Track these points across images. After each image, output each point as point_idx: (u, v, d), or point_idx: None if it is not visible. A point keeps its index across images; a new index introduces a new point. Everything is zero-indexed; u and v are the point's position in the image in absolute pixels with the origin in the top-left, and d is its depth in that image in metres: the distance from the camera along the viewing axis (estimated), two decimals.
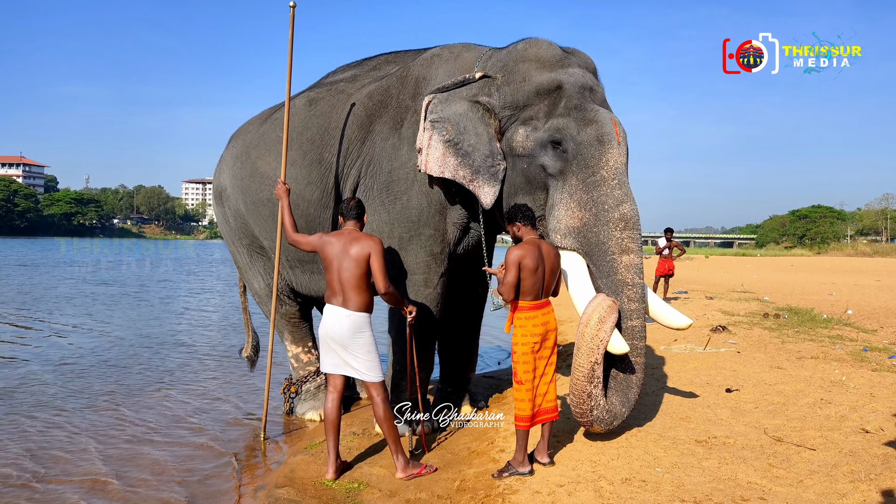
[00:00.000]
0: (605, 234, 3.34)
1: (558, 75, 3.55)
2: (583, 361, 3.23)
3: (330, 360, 3.47)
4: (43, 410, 5.04)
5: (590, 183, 3.38)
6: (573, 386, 3.29)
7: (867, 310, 9.63)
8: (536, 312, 3.25)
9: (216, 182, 5.21)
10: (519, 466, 3.24)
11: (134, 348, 7.78)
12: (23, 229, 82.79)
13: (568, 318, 9.26)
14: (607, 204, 3.34)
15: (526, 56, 3.65)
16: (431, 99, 3.72)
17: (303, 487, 3.41)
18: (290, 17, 4.13)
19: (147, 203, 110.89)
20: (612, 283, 3.36)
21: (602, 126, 3.40)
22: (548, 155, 3.49)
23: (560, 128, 3.45)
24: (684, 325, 3.59)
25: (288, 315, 4.93)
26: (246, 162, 4.72)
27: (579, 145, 3.40)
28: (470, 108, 3.69)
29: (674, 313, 3.58)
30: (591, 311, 3.24)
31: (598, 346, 3.21)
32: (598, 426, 3.36)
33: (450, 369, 4.67)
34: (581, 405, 3.29)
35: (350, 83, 4.43)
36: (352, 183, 4.19)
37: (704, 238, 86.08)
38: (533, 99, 3.58)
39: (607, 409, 3.34)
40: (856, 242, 48.19)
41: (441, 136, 3.66)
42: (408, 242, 3.99)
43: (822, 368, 5.14)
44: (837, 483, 2.90)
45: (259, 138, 4.72)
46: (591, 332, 3.21)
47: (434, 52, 4.19)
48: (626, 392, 3.41)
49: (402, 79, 4.16)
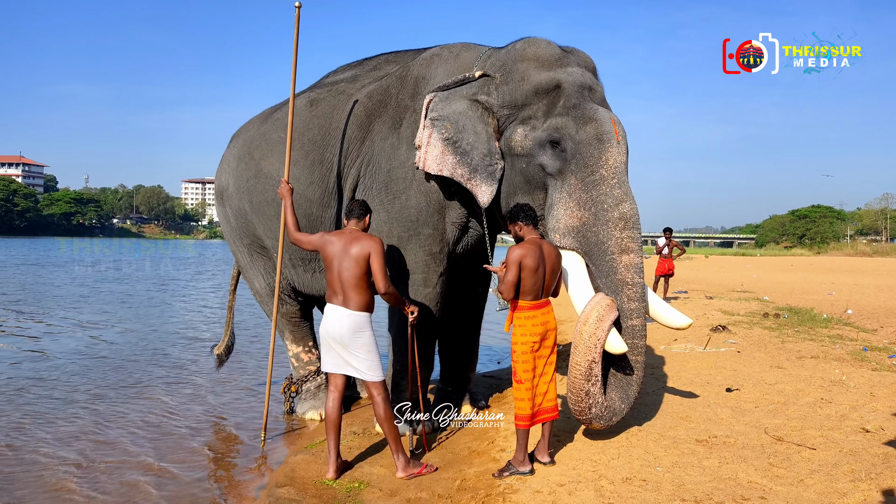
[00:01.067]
0: (604, 234, 3.34)
1: (557, 74, 3.55)
2: (580, 360, 3.23)
3: (331, 359, 3.48)
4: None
5: (589, 182, 3.37)
6: (571, 384, 3.29)
7: (867, 309, 9.64)
8: (536, 312, 3.25)
9: (218, 182, 5.21)
10: (519, 466, 3.24)
11: (135, 345, 7.78)
12: (22, 229, 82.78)
13: (567, 318, 9.26)
14: (606, 203, 3.34)
15: (525, 55, 3.65)
16: (432, 97, 3.73)
17: (303, 487, 3.42)
18: (296, 17, 4.13)
19: (146, 203, 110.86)
20: (611, 282, 3.35)
21: (601, 125, 3.39)
22: (546, 154, 3.49)
23: (559, 127, 3.44)
24: (684, 325, 3.58)
25: (289, 314, 4.93)
26: (249, 162, 4.73)
27: (578, 144, 3.39)
28: (469, 107, 3.69)
29: (674, 313, 3.58)
30: (590, 310, 3.24)
31: (595, 344, 3.21)
32: (597, 423, 3.35)
33: (450, 369, 4.67)
34: (579, 403, 3.29)
35: (350, 83, 4.44)
36: (351, 182, 4.20)
37: (704, 238, 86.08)
38: (532, 98, 3.58)
39: (606, 406, 3.34)
40: (855, 242, 48.21)
41: (440, 133, 3.67)
42: (406, 242, 3.99)
43: (822, 368, 5.14)
44: (838, 482, 2.91)
45: (261, 138, 4.73)
46: (588, 330, 3.21)
47: (433, 51, 4.20)
48: (626, 389, 3.41)
49: (401, 78, 4.16)
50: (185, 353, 7.53)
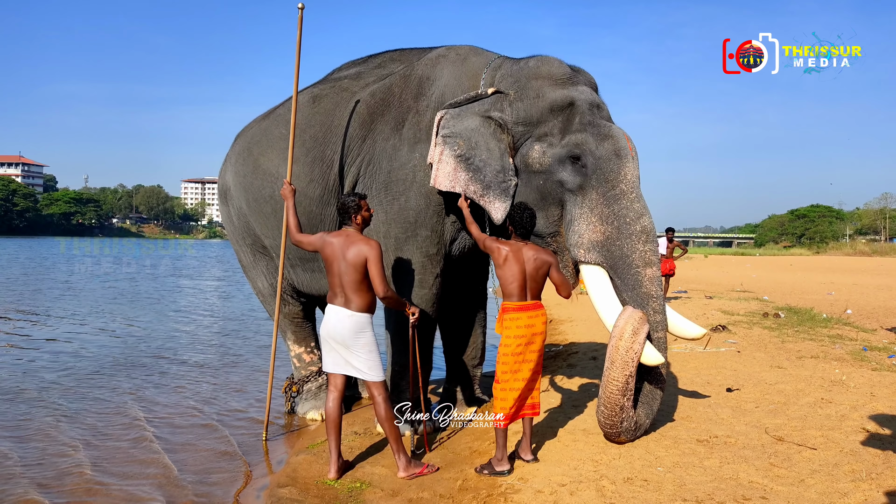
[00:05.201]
0: (628, 248, 3.40)
1: (570, 92, 3.60)
2: (617, 375, 3.25)
3: (331, 359, 3.48)
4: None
5: (610, 197, 3.43)
6: (606, 399, 3.31)
7: (866, 309, 9.66)
8: (521, 314, 3.28)
9: (221, 181, 5.19)
10: (497, 465, 3.29)
11: (135, 345, 7.78)
12: (21, 229, 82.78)
13: (567, 318, 9.28)
14: (628, 217, 3.40)
15: (539, 73, 3.68)
16: (443, 114, 3.72)
17: (305, 487, 3.42)
18: (299, 18, 4.12)
19: (146, 203, 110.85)
20: (637, 295, 3.41)
21: (618, 141, 3.48)
22: (566, 170, 3.52)
23: (579, 143, 3.49)
24: (698, 335, 3.65)
25: (291, 315, 4.93)
26: (248, 159, 4.70)
27: (598, 160, 3.45)
28: (482, 124, 3.69)
29: (686, 323, 3.65)
30: (624, 324, 3.26)
31: (633, 358, 3.23)
32: (625, 437, 3.42)
33: (454, 368, 4.68)
34: (612, 417, 3.32)
35: (354, 80, 4.41)
36: (351, 181, 4.19)
37: (703, 237, 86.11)
38: (547, 115, 3.61)
39: (634, 420, 3.40)
40: (854, 242, 48.28)
41: (452, 150, 3.66)
42: (403, 243, 3.99)
43: (822, 368, 5.15)
44: (839, 482, 2.91)
45: (261, 134, 4.70)
46: (625, 344, 3.23)
47: (440, 52, 4.18)
48: (651, 404, 3.51)
49: (405, 78, 4.15)
50: (185, 353, 7.53)
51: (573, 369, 5.62)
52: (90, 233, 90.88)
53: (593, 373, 5.26)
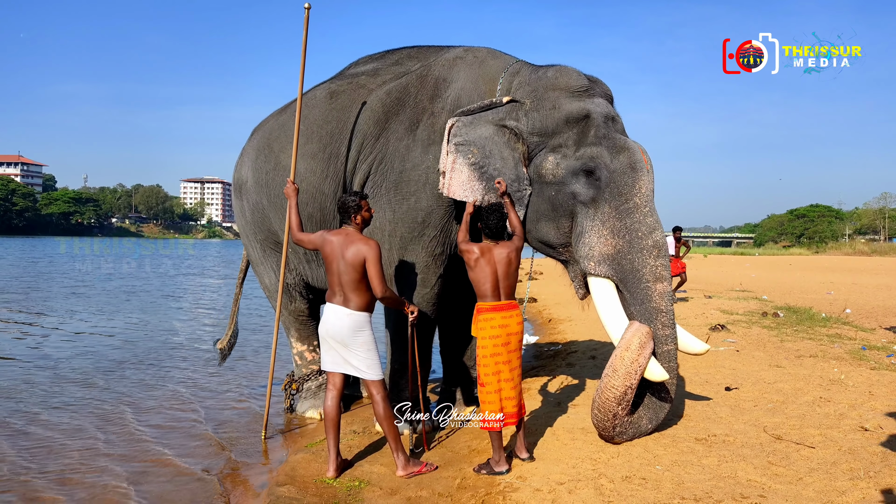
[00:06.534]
0: (639, 262, 3.40)
1: (586, 105, 3.59)
2: (618, 384, 3.27)
3: (330, 358, 3.48)
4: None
5: (623, 210, 3.43)
6: (601, 404, 3.35)
7: (865, 308, 9.66)
8: (494, 315, 3.29)
9: (236, 175, 5.13)
10: (495, 466, 3.31)
11: (136, 343, 7.78)
12: (21, 228, 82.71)
13: (567, 318, 9.29)
14: (640, 231, 3.41)
15: (557, 84, 3.67)
16: (455, 121, 3.67)
17: (304, 485, 3.42)
18: (305, 18, 4.10)
19: (145, 202, 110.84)
20: (645, 309, 3.41)
21: (633, 154, 3.48)
22: (580, 182, 3.51)
23: (594, 156, 3.49)
24: (702, 351, 3.66)
25: (297, 312, 4.91)
26: (269, 155, 4.67)
27: (613, 173, 3.45)
28: (496, 132, 3.67)
29: (690, 338, 3.65)
30: (631, 336, 3.29)
31: (637, 370, 3.26)
32: (620, 439, 3.45)
33: (453, 368, 4.67)
34: (604, 422, 3.38)
35: (371, 77, 4.35)
36: (361, 178, 4.17)
37: (703, 237, 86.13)
38: (562, 127, 3.60)
39: (631, 423, 3.44)
40: (854, 241, 48.25)
41: (466, 158, 3.63)
42: (409, 242, 3.98)
43: (820, 367, 5.16)
44: (837, 481, 2.92)
45: (280, 129, 4.66)
46: (631, 356, 3.25)
47: (457, 53, 4.14)
48: (657, 412, 3.53)
49: (422, 78, 4.10)
50: (185, 352, 7.53)
51: (572, 368, 5.63)
52: (89, 232, 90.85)
53: (592, 372, 5.27)
